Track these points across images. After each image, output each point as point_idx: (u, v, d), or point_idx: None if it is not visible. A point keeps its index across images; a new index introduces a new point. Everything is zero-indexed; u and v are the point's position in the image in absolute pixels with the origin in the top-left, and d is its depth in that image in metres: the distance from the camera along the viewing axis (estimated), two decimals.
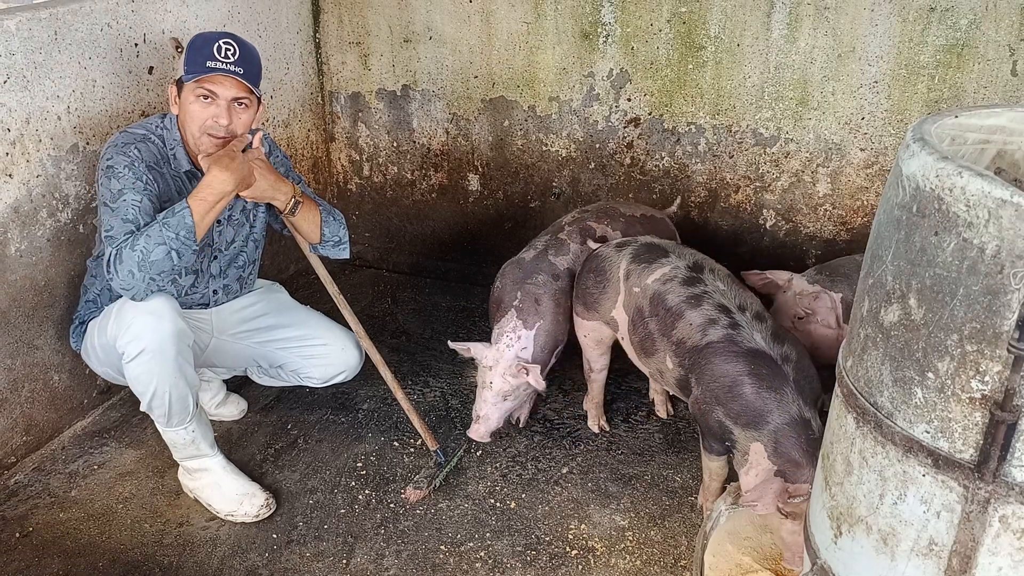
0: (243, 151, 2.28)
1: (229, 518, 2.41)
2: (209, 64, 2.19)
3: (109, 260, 2.13)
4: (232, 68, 2.21)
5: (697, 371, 2.18)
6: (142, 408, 2.30)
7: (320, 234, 2.50)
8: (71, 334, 2.51)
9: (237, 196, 2.32)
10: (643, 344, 2.38)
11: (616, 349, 2.67)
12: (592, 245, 2.69)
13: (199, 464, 2.42)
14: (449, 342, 2.61)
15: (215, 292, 2.55)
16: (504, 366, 2.53)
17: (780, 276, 2.68)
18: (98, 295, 2.42)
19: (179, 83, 2.28)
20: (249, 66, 2.25)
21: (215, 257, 2.50)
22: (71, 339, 2.51)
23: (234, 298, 2.62)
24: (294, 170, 2.66)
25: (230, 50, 2.21)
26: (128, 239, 2.12)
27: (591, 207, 2.96)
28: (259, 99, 2.32)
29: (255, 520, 2.40)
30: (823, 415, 1.92)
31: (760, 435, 2.05)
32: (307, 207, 2.44)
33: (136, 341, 2.17)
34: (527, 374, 2.51)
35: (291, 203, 2.39)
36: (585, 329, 2.61)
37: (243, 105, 2.27)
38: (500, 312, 2.63)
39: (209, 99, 2.23)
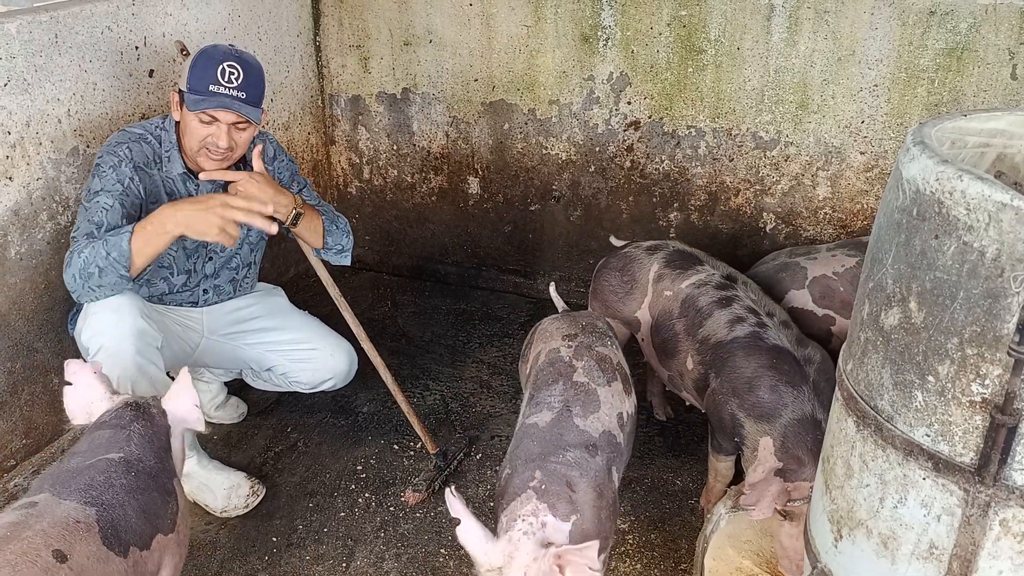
0: (239, 162, 2.29)
1: (224, 515, 2.41)
2: (212, 89, 2.19)
3: (65, 260, 2.14)
4: (234, 94, 2.21)
5: (718, 364, 2.19)
6: None
7: (323, 241, 2.51)
8: (69, 319, 2.50)
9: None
10: (665, 345, 2.38)
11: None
12: (614, 385, 2.00)
13: (185, 468, 2.42)
14: (449, 494, 1.68)
15: (205, 291, 2.55)
16: (524, 560, 1.58)
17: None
18: None
19: (181, 92, 2.28)
20: (252, 89, 2.25)
21: (210, 258, 2.51)
22: (68, 324, 2.50)
23: (227, 299, 2.62)
24: (299, 174, 2.66)
25: (234, 74, 2.21)
26: (82, 244, 2.12)
27: (561, 329, 2.18)
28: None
29: (246, 510, 2.41)
30: None
31: (771, 429, 2.05)
32: (308, 217, 2.43)
33: (96, 337, 2.17)
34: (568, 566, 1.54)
35: (291, 215, 2.37)
36: None
37: (241, 128, 2.28)
38: (508, 498, 1.77)
39: (209, 121, 2.23)
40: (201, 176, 2.27)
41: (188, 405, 1.82)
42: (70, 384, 1.83)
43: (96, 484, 1.57)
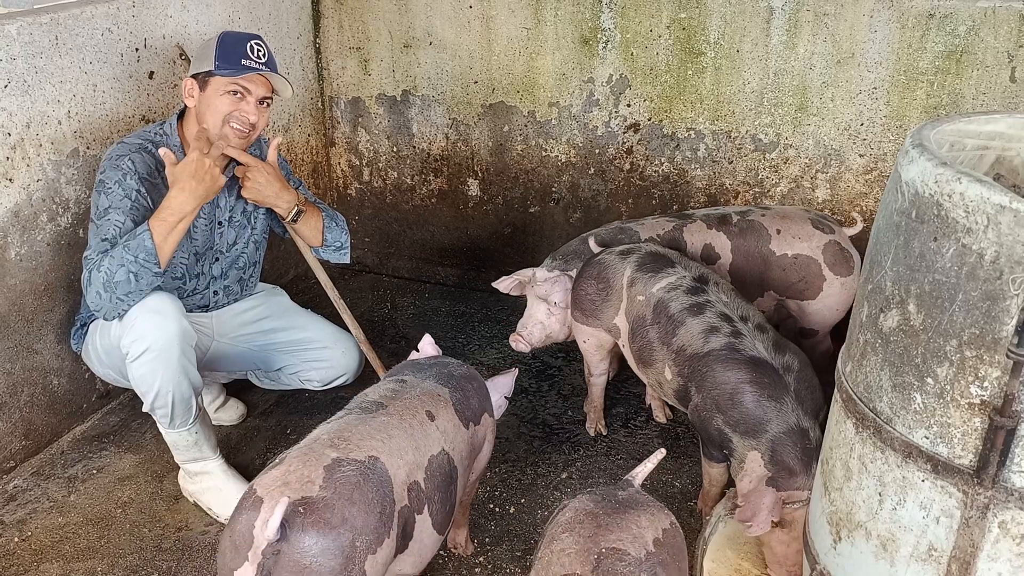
0: (247, 153, 2.31)
1: (226, 521, 2.40)
2: (245, 63, 2.28)
3: (83, 282, 2.18)
4: (265, 69, 2.31)
5: (697, 379, 2.18)
6: (144, 409, 2.30)
7: (322, 239, 2.52)
8: (71, 336, 2.52)
9: (242, 199, 2.34)
10: (641, 353, 2.36)
11: (617, 353, 2.67)
12: None
13: (201, 467, 2.42)
14: None
15: (215, 293, 2.56)
16: None
17: (524, 274, 2.79)
18: None
19: (198, 78, 2.31)
20: (275, 66, 2.37)
21: (216, 259, 2.52)
22: (71, 340, 2.52)
23: (235, 300, 2.63)
24: (294, 174, 2.67)
25: (261, 51, 2.33)
26: (98, 260, 2.15)
27: (567, 551, 1.50)
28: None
29: None
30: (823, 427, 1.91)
31: (758, 444, 2.05)
32: (309, 214, 2.49)
33: (140, 340, 2.18)
34: None
35: (293, 211, 2.44)
36: (585, 335, 2.60)
37: (265, 104, 2.37)
38: None
39: (240, 95, 2.30)
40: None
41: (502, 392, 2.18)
42: None
43: (443, 374, 1.95)
